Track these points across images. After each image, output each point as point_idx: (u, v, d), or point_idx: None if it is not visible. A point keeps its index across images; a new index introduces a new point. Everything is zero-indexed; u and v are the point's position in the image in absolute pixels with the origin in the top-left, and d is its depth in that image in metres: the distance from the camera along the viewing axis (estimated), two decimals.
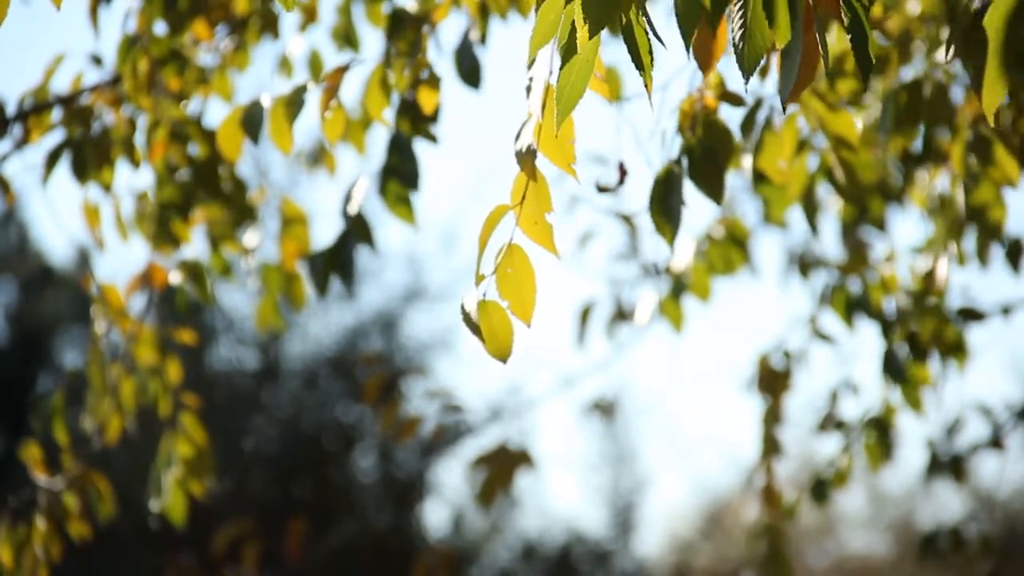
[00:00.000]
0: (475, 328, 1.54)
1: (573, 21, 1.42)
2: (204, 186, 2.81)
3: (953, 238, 2.60)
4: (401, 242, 12.64)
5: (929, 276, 2.81)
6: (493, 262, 1.56)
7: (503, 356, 1.55)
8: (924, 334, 2.90)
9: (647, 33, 1.44)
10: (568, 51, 1.42)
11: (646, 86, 1.45)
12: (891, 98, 2.41)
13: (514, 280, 1.55)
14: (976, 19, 1.51)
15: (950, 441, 4.18)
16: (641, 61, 1.44)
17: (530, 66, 1.55)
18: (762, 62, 2.07)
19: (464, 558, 11.05)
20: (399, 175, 2.36)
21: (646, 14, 1.44)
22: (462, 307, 1.55)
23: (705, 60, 1.60)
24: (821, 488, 3.89)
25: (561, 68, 1.43)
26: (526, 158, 1.55)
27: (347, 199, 2.47)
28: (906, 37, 2.66)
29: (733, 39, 1.37)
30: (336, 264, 2.48)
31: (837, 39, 2.36)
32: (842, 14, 1.40)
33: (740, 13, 1.36)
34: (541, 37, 1.45)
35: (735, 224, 3.22)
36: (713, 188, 1.95)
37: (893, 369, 3.12)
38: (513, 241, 1.56)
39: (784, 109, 1.48)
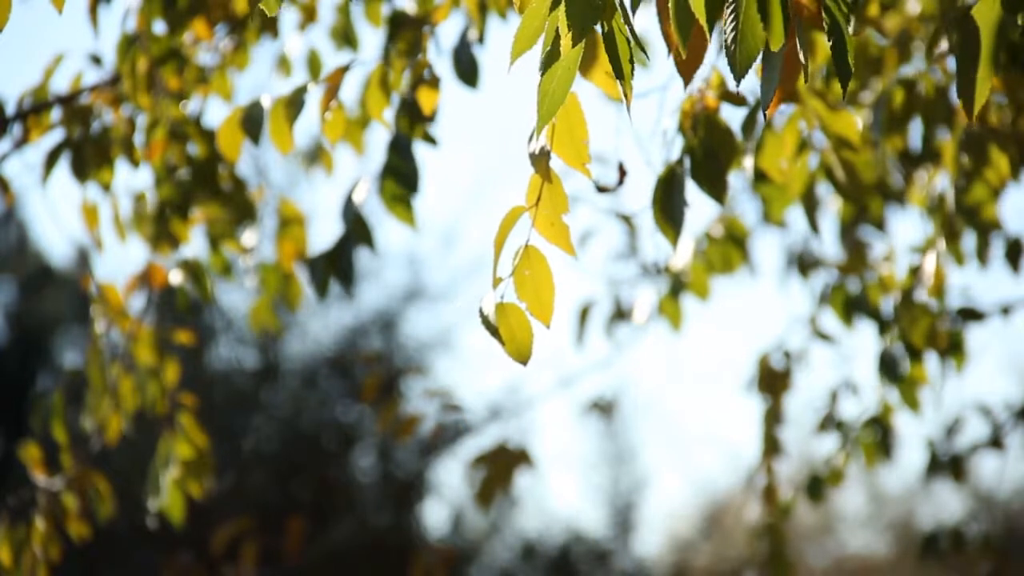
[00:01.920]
0: (494, 330, 1.54)
1: (557, 28, 1.42)
2: (203, 185, 2.81)
3: (945, 236, 2.60)
4: (401, 242, 12.66)
5: (916, 272, 2.81)
6: (510, 264, 1.56)
7: (523, 358, 1.55)
8: (914, 333, 2.89)
9: (628, 41, 1.44)
10: (550, 57, 1.42)
11: (625, 94, 1.45)
12: (885, 97, 2.41)
13: (532, 282, 1.55)
14: (967, 17, 1.51)
15: (950, 441, 4.18)
16: (622, 70, 1.44)
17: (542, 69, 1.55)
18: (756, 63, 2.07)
19: (464, 558, 11.04)
20: (399, 177, 2.36)
21: (629, 22, 1.43)
22: (480, 310, 1.55)
23: (688, 69, 1.61)
24: (817, 486, 3.89)
25: (543, 74, 1.43)
26: (540, 159, 1.55)
27: (347, 201, 2.46)
28: (905, 37, 2.66)
29: (725, 41, 1.37)
30: (336, 267, 2.47)
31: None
32: (823, 21, 1.41)
33: (732, 16, 1.36)
34: (523, 43, 1.44)
35: (734, 223, 3.22)
36: (716, 188, 1.95)
37: (888, 368, 3.12)
38: (530, 243, 1.56)
39: (766, 114, 1.48)
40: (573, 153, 1.55)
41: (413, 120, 2.37)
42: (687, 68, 1.61)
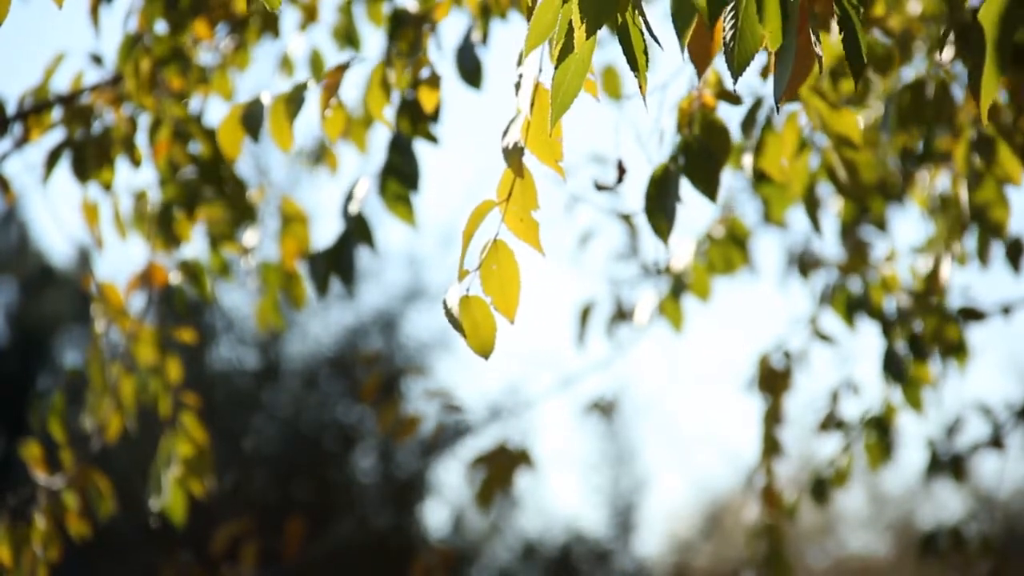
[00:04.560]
0: (457, 323, 1.53)
1: (570, 21, 1.42)
2: (210, 184, 2.81)
3: (955, 238, 2.60)
4: (401, 242, 12.66)
5: (932, 276, 2.81)
6: (478, 258, 1.55)
7: (485, 352, 1.54)
8: (926, 334, 2.90)
9: (643, 33, 1.44)
10: (564, 50, 1.42)
11: (640, 87, 1.45)
12: (893, 98, 2.40)
13: (498, 276, 1.55)
14: (974, 17, 1.51)
15: (950, 441, 4.18)
16: (636, 61, 1.44)
17: (519, 64, 1.55)
18: (763, 62, 2.07)
19: (464, 558, 11.04)
20: (400, 175, 2.36)
21: (643, 14, 1.43)
22: (444, 302, 1.54)
23: (701, 59, 1.60)
24: (821, 488, 3.89)
25: (557, 67, 1.43)
26: (513, 155, 1.55)
27: (348, 199, 2.46)
28: (907, 36, 2.66)
29: (724, 39, 1.37)
30: (337, 265, 2.47)
31: (840, 39, 2.36)
32: (834, 13, 1.41)
33: (732, 14, 1.36)
34: (537, 36, 1.44)
35: (735, 224, 3.21)
36: (708, 186, 1.95)
37: (894, 369, 3.12)
38: (498, 237, 1.56)
39: (778, 108, 1.48)
40: (546, 150, 1.54)
41: (414, 119, 2.36)
42: (700, 58, 1.60)
